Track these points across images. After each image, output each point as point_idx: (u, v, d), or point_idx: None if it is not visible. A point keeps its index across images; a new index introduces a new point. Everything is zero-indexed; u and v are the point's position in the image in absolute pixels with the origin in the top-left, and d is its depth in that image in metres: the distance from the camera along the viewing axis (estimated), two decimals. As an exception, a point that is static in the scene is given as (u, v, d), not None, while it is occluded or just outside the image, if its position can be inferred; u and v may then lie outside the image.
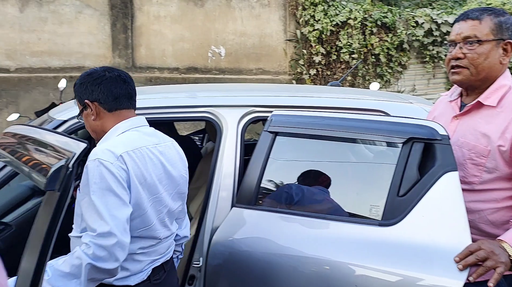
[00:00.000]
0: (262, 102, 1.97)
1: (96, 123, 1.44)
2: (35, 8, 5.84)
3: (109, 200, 1.25)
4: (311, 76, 6.03)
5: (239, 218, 1.70)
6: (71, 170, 0.82)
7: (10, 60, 5.92)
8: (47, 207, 0.82)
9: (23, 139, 1.07)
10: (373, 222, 1.46)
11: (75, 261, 1.21)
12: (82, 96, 1.44)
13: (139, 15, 6.02)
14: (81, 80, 1.45)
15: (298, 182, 1.78)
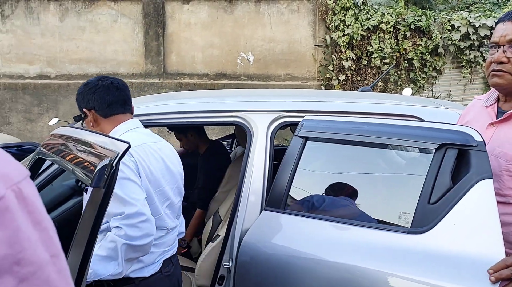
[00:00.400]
0: (292, 107, 2.00)
1: (95, 130, 1.52)
2: (74, 17, 6.11)
3: (128, 186, 1.35)
4: (340, 82, 6.00)
5: (269, 221, 1.73)
6: (114, 168, 0.88)
7: (51, 67, 6.21)
8: (93, 203, 0.88)
9: (69, 140, 1.15)
10: (402, 230, 1.44)
11: (110, 244, 1.31)
12: (81, 105, 1.56)
13: (171, 22, 6.18)
14: (79, 91, 1.58)
15: (326, 191, 1.79)
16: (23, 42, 6.12)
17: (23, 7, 6.05)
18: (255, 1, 6.12)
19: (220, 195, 2.74)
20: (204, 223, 2.71)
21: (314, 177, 1.87)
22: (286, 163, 1.76)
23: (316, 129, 1.74)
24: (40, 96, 6.16)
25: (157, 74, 6.22)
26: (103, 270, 1.31)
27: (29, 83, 6.15)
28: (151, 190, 1.47)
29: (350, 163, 1.82)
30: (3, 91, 6.15)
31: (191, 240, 2.69)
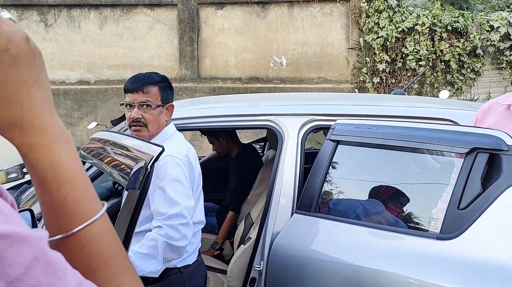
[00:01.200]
0: (323, 111, 1.99)
1: (165, 124, 1.67)
2: (112, 25, 6.34)
3: (178, 188, 1.47)
4: (374, 85, 5.91)
5: (300, 224, 1.73)
6: (149, 170, 0.91)
7: (90, 73, 6.46)
8: (129, 204, 0.92)
9: (107, 144, 1.21)
10: (431, 235, 1.41)
11: (151, 242, 1.39)
12: (169, 98, 1.67)
13: (205, 28, 6.30)
14: (168, 85, 1.69)
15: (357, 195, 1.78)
16: (65, 50, 6.41)
17: (65, 16, 6.34)
18: (288, 5, 6.13)
19: (252, 198, 2.76)
20: (236, 225, 2.74)
21: (345, 180, 1.86)
22: (317, 166, 1.76)
23: (347, 133, 1.73)
24: (80, 101, 6.43)
25: (191, 78, 6.35)
26: (144, 267, 1.39)
27: (70, 89, 6.43)
28: (195, 189, 1.64)
29: (381, 167, 1.80)
30: (46, 96, 6.45)
31: (223, 243, 2.73)
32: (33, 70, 0.43)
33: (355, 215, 1.73)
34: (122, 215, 0.96)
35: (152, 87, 1.60)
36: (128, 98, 1.58)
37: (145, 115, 1.57)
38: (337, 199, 1.79)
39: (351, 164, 1.85)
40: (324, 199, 1.78)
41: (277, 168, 1.91)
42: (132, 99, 1.57)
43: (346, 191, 1.81)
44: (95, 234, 0.45)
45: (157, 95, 1.62)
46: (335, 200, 1.79)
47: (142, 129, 1.57)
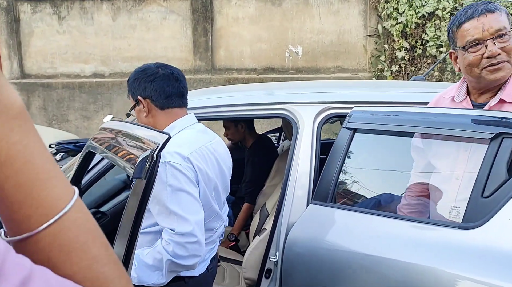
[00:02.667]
0: (339, 99, 1.93)
1: (147, 120, 1.46)
2: (125, 16, 6.33)
3: (183, 200, 1.29)
4: (393, 73, 5.77)
5: (316, 214, 1.69)
6: (155, 159, 0.87)
7: (105, 66, 6.49)
8: (135, 194, 0.89)
9: (116, 133, 1.17)
10: (452, 224, 1.35)
11: (157, 255, 1.28)
12: (135, 92, 1.47)
13: (219, 18, 6.24)
14: (135, 76, 1.47)
15: (375, 184, 1.72)
16: (79, 42, 6.44)
17: (78, 8, 6.36)
18: (303, -8, 6.02)
19: (267, 189, 2.72)
20: (252, 217, 2.71)
21: (363, 170, 1.80)
22: (333, 155, 1.70)
23: (365, 121, 1.67)
24: (95, 94, 6.47)
25: (205, 69, 6.31)
26: (146, 278, 1.29)
27: (85, 82, 6.47)
28: (207, 193, 1.43)
29: (400, 155, 1.73)
30: (61, 90, 6.52)
31: (239, 234, 2.70)
32: None
33: (372, 204, 1.67)
34: (129, 205, 0.92)
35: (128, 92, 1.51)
36: None
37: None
38: (354, 189, 1.73)
39: (369, 152, 1.79)
40: (340, 189, 1.72)
41: (292, 157, 1.86)
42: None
43: (363, 181, 1.75)
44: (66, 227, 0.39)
45: (129, 96, 1.51)
46: (352, 190, 1.73)
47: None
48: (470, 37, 1.41)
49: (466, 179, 1.39)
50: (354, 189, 1.74)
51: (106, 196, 2.27)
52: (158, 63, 1.53)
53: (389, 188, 1.73)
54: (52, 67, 6.55)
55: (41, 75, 6.58)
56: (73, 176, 1.53)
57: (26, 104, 6.54)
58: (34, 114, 6.58)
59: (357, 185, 1.74)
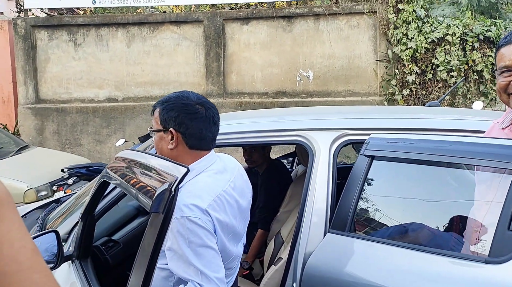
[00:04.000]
0: (355, 125, 1.90)
1: (170, 152, 1.35)
2: (140, 43, 6.46)
3: (206, 255, 1.24)
4: (404, 97, 5.75)
5: (334, 244, 1.64)
6: (173, 193, 0.85)
7: (118, 91, 6.58)
8: (152, 228, 0.86)
9: (132, 163, 1.16)
10: (478, 258, 1.29)
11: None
12: (168, 121, 1.36)
13: (231, 43, 6.33)
14: (174, 107, 1.38)
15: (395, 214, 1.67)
16: (94, 68, 6.57)
17: (94, 35, 6.51)
18: (314, 19, 6.09)
19: (281, 215, 2.67)
20: (266, 244, 2.65)
21: (382, 198, 1.75)
22: (351, 184, 1.66)
23: (383, 148, 1.63)
24: (109, 118, 6.54)
25: (217, 94, 6.36)
26: None
27: (99, 107, 6.56)
28: (224, 240, 1.38)
29: (420, 183, 1.69)
30: (75, 114, 6.61)
31: (253, 262, 2.64)
32: None
33: (392, 235, 1.62)
34: (146, 239, 0.90)
35: (156, 109, 1.41)
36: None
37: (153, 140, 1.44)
38: (373, 218, 1.68)
39: (388, 180, 1.74)
40: (359, 218, 1.67)
41: (309, 185, 1.82)
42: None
43: (383, 209, 1.70)
44: None
45: (157, 119, 1.39)
46: (370, 219, 1.68)
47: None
48: (503, 63, 1.40)
49: (491, 210, 1.34)
50: (373, 217, 1.69)
51: (118, 224, 2.24)
52: (200, 98, 1.45)
53: (409, 217, 1.68)
54: (66, 93, 6.67)
55: (55, 100, 6.69)
56: (87, 204, 1.51)
57: (40, 129, 6.64)
58: (47, 138, 6.66)
59: (376, 213, 1.69)
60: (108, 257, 1.97)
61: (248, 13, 6.22)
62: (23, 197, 3.98)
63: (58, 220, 1.92)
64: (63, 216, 1.93)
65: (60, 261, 1.47)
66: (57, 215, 2.01)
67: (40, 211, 2.25)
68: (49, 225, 1.93)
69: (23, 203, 3.86)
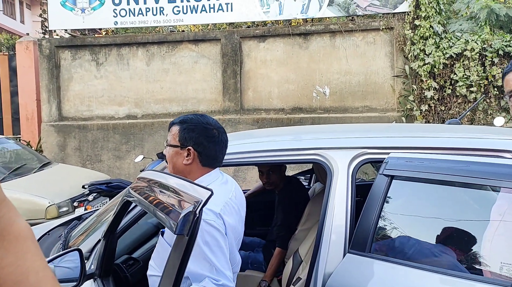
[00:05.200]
0: (374, 144, 1.90)
1: (185, 167, 1.52)
2: (159, 61, 6.60)
3: (220, 255, 1.35)
4: (422, 112, 5.70)
5: (353, 265, 1.62)
6: (197, 216, 0.87)
7: (138, 108, 6.71)
8: (177, 251, 0.88)
9: (154, 184, 1.18)
10: (504, 283, 1.26)
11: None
12: (188, 140, 1.52)
13: (247, 61, 6.41)
14: (195, 127, 1.53)
15: (416, 235, 1.65)
16: (114, 86, 6.72)
17: (115, 54, 6.69)
18: (330, 36, 6.14)
19: (299, 233, 2.66)
20: (284, 262, 2.64)
21: (402, 218, 1.73)
22: (370, 203, 1.66)
23: (402, 168, 1.62)
24: (128, 135, 6.65)
25: (234, 110, 6.42)
26: None
27: (119, 123, 6.69)
28: (233, 243, 1.51)
29: (442, 204, 1.66)
30: (96, 131, 6.75)
31: (271, 280, 2.62)
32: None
33: (413, 257, 1.59)
34: (171, 260, 0.92)
35: (174, 126, 1.57)
36: None
37: (166, 153, 1.57)
38: (393, 239, 1.66)
39: (408, 200, 1.73)
40: (379, 238, 1.66)
41: (327, 204, 1.82)
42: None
43: (403, 230, 1.69)
44: None
45: (176, 135, 1.54)
46: (391, 240, 1.66)
47: (167, 166, 1.59)
48: (508, 88, 1.49)
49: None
50: (394, 238, 1.67)
51: (138, 242, 2.27)
52: (215, 121, 1.60)
53: (430, 238, 1.65)
54: (88, 110, 6.83)
55: (77, 117, 6.86)
56: (110, 224, 1.54)
57: (62, 145, 6.80)
58: (69, 155, 6.81)
59: (397, 234, 1.67)
60: (129, 275, 2.00)
61: (265, 31, 6.31)
62: (45, 213, 4.06)
63: (80, 237, 1.95)
64: (85, 233, 1.97)
65: (83, 279, 1.49)
66: (79, 232, 2.05)
67: (62, 228, 2.29)
68: (71, 242, 1.97)
69: (45, 219, 3.93)
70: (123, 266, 2.01)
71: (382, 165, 1.68)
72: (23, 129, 7.29)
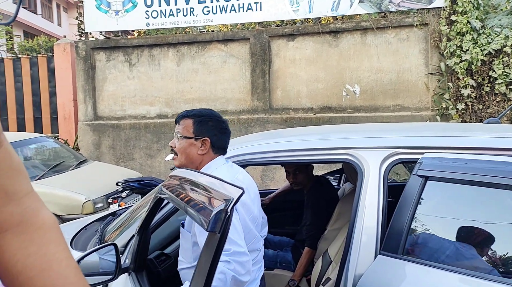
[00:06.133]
0: (407, 144, 1.85)
1: (198, 157, 1.68)
2: (189, 61, 6.69)
3: (232, 228, 1.41)
4: (458, 111, 5.51)
5: (385, 267, 1.59)
6: (229, 214, 0.88)
7: (168, 107, 6.83)
8: (209, 248, 0.89)
9: (186, 182, 1.20)
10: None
11: (219, 275, 1.38)
12: (203, 132, 1.68)
13: (276, 60, 6.40)
14: (210, 119, 1.70)
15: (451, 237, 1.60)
16: (146, 86, 6.87)
17: (147, 55, 6.84)
18: (361, 33, 6.04)
19: (329, 233, 2.64)
20: (313, 262, 2.62)
21: (436, 220, 1.68)
22: (403, 204, 1.62)
23: (438, 168, 1.58)
24: (159, 134, 6.79)
25: (263, 109, 6.43)
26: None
27: (150, 123, 6.83)
28: (246, 218, 1.59)
29: (478, 206, 1.61)
30: (129, 130, 6.93)
31: (300, 280, 2.62)
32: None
33: (448, 260, 1.55)
34: (203, 257, 0.93)
35: (186, 119, 1.70)
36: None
37: (176, 145, 1.69)
38: (427, 241, 1.62)
39: (443, 202, 1.68)
40: (412, 240, 1.62)
41: (358, 204, 1.79)
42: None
43: (437, 232, 1.64)
44: None
45: (189, 128, 1.68)
46: (424, 242, 1.62)
47: (176, 157, 1.71)
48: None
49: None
50: (427, 240, 1.63)
51: (169, 238, 2.31)
52: (224, 119, 1.79)
53: (465, 241, 1.60)
54: (121, 110, 7.01)
55: (111, 117, 7.06)
56: (143, 220, 1.58)
57: (97, 144, 7.01)
58: (104, 153, 7.01)
59: (431, 236, 1.63)
60: (161, 270, 2.04)
61: (294, 30, 6.28)
62: (82, 209, 4.21)
63: (115, 232, 2.01)
64: (120, 229, 2.02)
65: (118, 273, 1.54)
66: (114, 227, 2.11)
67: (98, 223, 2.37)
68: (107, 237, 2.03)
69: (81, 214, 4.08)
70: (156, 261, 2.06)
71: (416, 165, 1.64)
72: (61, 128, 7.57)
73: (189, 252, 1.59)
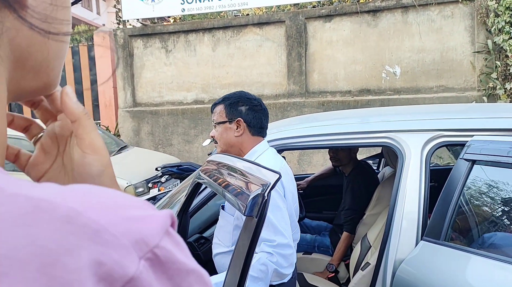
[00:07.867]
0: (451, 126, 1.77)
1: (236, 139, 1.64)
2: (224, 46, 6.69)
3: (279, 215, 1.44)
4: (507, 91, 5.22)
5: (427, 253, 1.55)
6: (266, 198, 0.87)
7: (205, 93, 6.89)
8: (246, 232, 0.89)
9: (223, 167, 1.21)
10: None
11: (261, 267, 1.39)
12: (235, 113, 1.64)
13: (313, 42, 6.27)
14: (240, 100, 1.67)
15: (497, 223, 1.52)
16: (182, 72, 6.95)
17: (183, 41, 6.89)
18: (402, 11, 5.80)
19: (368, 218, 2.60)
20: (352, 247, 2.59)
21: (483, 206, 1.61)
22: (449, 189, 1.56)
23: (485, 152, 1.50)
24: (196, 119, 6.88)
25: (299, 93, 6.36)
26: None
27: (187, 109, 6.92)
28: (292, 206, 1.61)
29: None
30: (167, 116, 7.06)
31: (338, 265, 2.60)
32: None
33: (494, 247, 1.48)
34: (241, 241, 0.93)
35: (217, 106, 1.69)
36: None
37: (215, 133, 1.68)
38: (472, 228, 1.56)
39: (491, 187, 1.60)
40: (456, 227, 1.56)
41: (398, 189, 1.74)
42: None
43: (483, 218, 1.57)
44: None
45: (222, 113, 1.66)
46: (469, 229, 1.56)
47: (217, 146, 1.70)
48: None
49: None
50: (472, 227, 1.56)
51: (208, 222, 2.35)
52: (258, 98, 1.75)
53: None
54: (159, 96, 7.15)
55: (149, 103, 7.21)
56: (183, 204, 1.61)
57: (137, 130, 7.21)
58: (143, 139, 7.21)
59: (476, 222, 1.56)
60: (200, 253, 2.08)
61: (331, 10, 6.12)
62: (123, 193, 4.35)
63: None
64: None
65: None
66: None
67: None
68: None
69: (123, 199, 4.22)
70: (195, 244, 2.10)
71: (463, 149, 1.57)
72: (102, 115, 7.84)
73: (228, 235, 1.61)
